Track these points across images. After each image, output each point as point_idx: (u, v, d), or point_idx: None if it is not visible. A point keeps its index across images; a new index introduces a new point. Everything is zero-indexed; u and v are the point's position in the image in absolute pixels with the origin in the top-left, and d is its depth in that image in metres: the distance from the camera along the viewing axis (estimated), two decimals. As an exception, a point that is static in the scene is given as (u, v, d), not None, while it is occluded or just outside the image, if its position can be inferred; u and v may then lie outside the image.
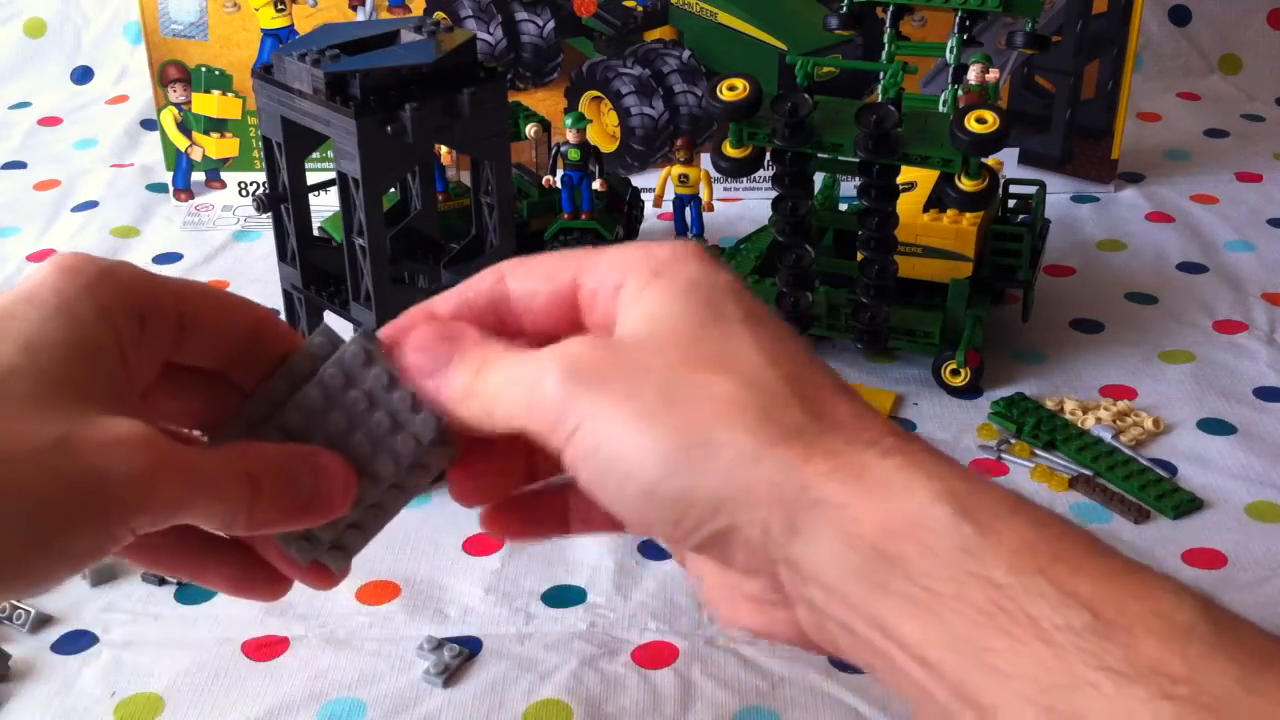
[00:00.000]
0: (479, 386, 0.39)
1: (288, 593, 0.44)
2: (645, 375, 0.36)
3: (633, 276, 0.39)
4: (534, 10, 1.15)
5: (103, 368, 0.37)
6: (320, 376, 0.41)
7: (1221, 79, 1.44)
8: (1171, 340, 0.98)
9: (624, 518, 0.37)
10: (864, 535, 0.34)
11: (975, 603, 0.32)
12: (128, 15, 1.42)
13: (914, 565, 0.33)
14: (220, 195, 1.18)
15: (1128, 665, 0.30)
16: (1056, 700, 0.30)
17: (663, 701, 0.67)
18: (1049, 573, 0.32)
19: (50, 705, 0.67)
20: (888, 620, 0.33)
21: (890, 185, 0.84)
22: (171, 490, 0.36)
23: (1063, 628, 0.31)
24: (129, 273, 0.39)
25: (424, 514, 0.80)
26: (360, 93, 0.72)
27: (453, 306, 0.41)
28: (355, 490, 0.41)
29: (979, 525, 0.33)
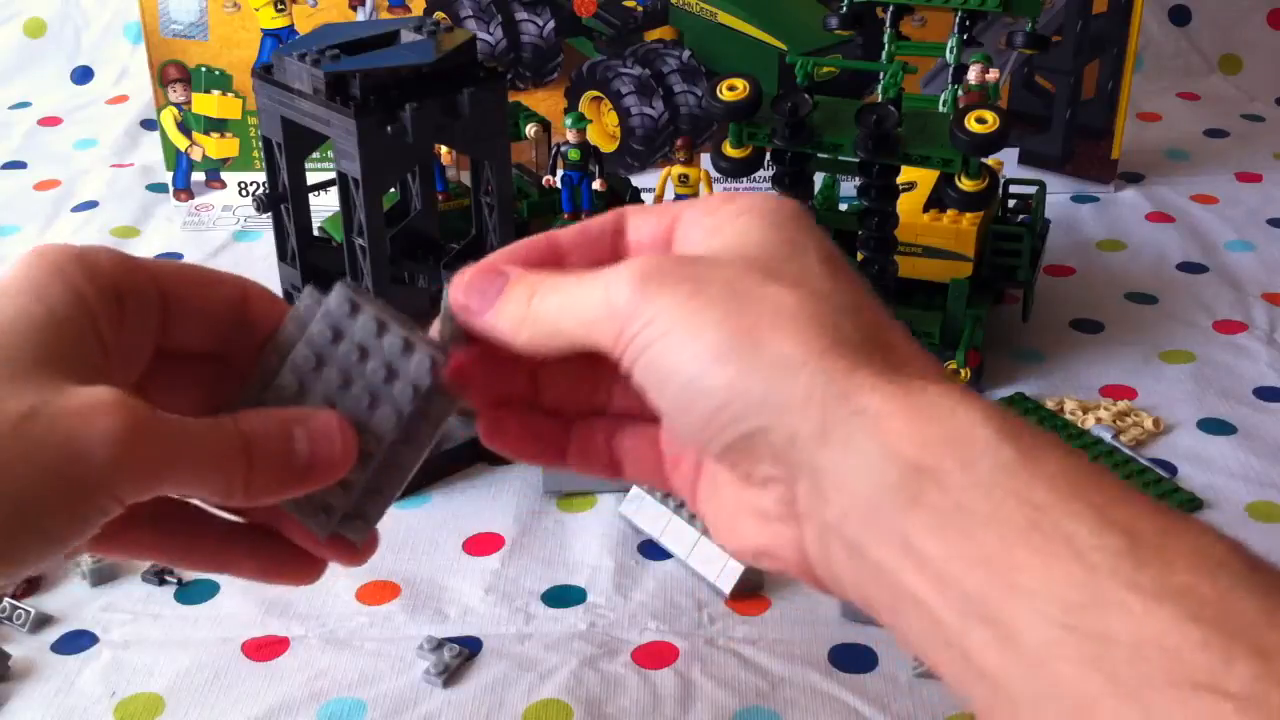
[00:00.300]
0: (537, 310, 0.39)
1: (323, 574, 0.43)
2: (714, 278, 0.37)
3: (726, 209, 0.40)
4: (534, 10, 1.15)
5: (76, 345, 0.37)
6: (308, 334, 0.40)
7: (1221, 79, 1.44)
8: (1171, 340, 0.98)
9: (665, 412, 0.37)
10: (900, 447, 0.33)
11: (1010, 520, 0.32)
12: (128, 15, 1.42)
13: (950, 479, 0.33)
14: (220, 195, 1.18)
15: (1158, 586, 0.30)
16: (1080, 619, 0.30)
17: (663, 701, 0.67)
18: (1089, 498, 0.32)
19: (50, 705, 0.67)
20: (911, 534, 0.33)
21: (890, 185, 0.84)
22: (152, 452, 0.36)
23: (1097, 548, 0.31)
24: (102, 254, 0.39)
25: (424, 514, 0.80)
26: (360, 93, 0.72)
27: (574, 231, 0.42)
28: (357, 446, 0.40)
29: (1022, 450, 0.33)
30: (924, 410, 0.34)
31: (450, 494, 0.82)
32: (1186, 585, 0.30)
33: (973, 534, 0.32)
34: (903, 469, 0.33)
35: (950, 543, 0.32)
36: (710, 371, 0.35)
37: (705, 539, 0.74)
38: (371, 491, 0.41)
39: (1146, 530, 0.31)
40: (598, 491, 0.81)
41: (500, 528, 0.79)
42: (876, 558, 0.34)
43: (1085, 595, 0.30)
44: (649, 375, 0.37)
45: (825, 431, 0.34)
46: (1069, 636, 0.30)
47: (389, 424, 0.40)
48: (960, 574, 0.32)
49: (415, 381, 0.40)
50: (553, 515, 0.80)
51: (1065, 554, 0.31)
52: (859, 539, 0.34)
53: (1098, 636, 0.30)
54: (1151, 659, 0.29)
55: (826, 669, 0.68)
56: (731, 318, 0.36)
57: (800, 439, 0.35)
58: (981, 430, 0.33)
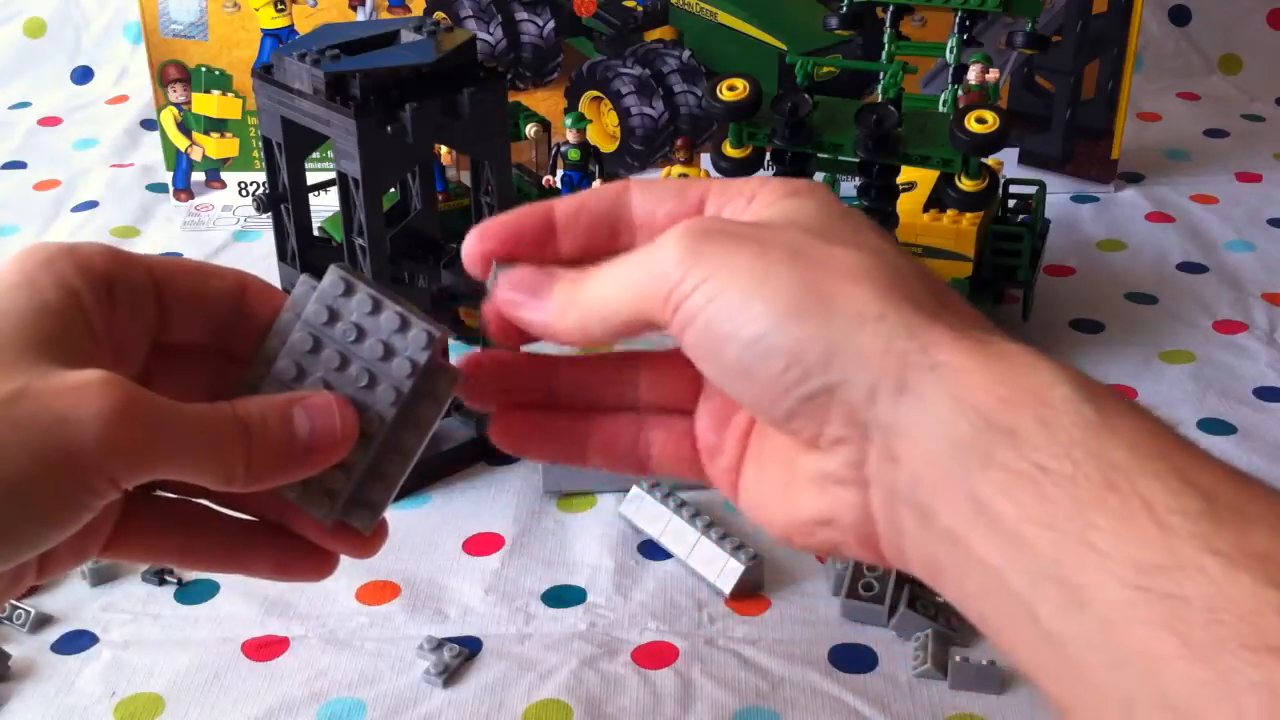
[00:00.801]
0: (583, 291, 0.38)
1: (335, 569, 0.43)
2: (773, 239, 0.36)
3: (767, 192, 0.39)
4: (534, 10, 1.15)
5: (66, 332, 0.37)
6: (304, 316, 0.40)
7: (1221, 79, 1.44)
8: (1171, 340, 0.98)
9: (723, 377, 0.36)
10: (979, 403, 0.33)
11: (1087, 480, 0.31)
12: (128, 15, 1.42)
13: (1028, 439, 0.32)
14: (220, 195, 1.18)
15: (1236, 550, 0.29)
16: (1155, 581, 0.29)
17: (663, 701, 0.67)
18: (1170, 459, 0.31)
19: (50, 705, 0.67)
20: (983, 495, 0.32)
21: (890, 185, 0.84)
22: (144, 431, 0.35)
23: (1176, 510, 0.30)
24: (91, 248, 0.39)
25: (424, 514, 0.80)
26: (360, 93, 0.72)
27: (571, 205, 0.41)
28: (357, 423, 0.40)
29: (1101, 410, 0.32)
30: (1002, 366, 0.34)
31: (450, 494, 0.82)
32: (1265, 550, 0.29)
33: (1047, 495, 0.31)
34: (978, 425, 0.33)
35: (1023, 504, 0.32)
36: (779, 329, 0.34)
37: (705, 539, 0.74)
38: (375, 476, 0.41)
39: (1225, 494, 0.31)
40: (598, 491, 0.81)
41: (500, 528, 0.79)
42: (947, 523, 0.34)
43: (1161, 557, 0.30)
44: (704, 339, 0.36)
45: (903, 385, 0.34)
46: (1142, 598, 0.29)
47: (388, 401, 0.40)
48: (1033, 536, 0.31)
49: (413, 356, 0.40)
50: (553, 515, 0.80)
51: (1141, 516, 0.30)
52: (929, 503, 0.34)
53: (1172, 598, 0.29)
54: (1227, 622, 0.28)
55: (826, 669, 0.68)
56: (799, 275, 0.35)
57: (878, 393, 0.34)
58: (1061, 389, 0.33)
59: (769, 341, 0.35)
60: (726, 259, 0.35)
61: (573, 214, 0.41)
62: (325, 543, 0.42)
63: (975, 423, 0.33)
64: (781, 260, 0.35)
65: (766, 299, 0.35)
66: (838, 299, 0.35)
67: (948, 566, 0.34)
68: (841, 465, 0.36)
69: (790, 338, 0.34)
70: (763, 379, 0.35)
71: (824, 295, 0.35)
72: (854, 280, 0.35)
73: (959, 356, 0.34)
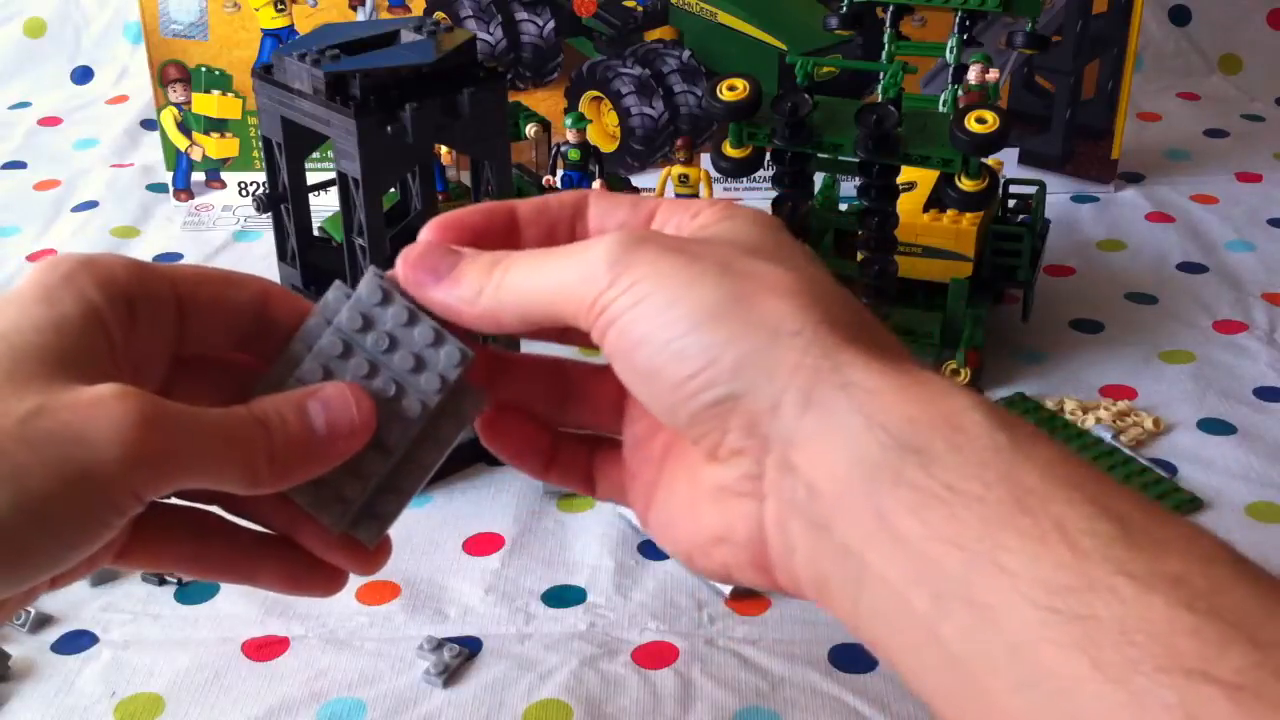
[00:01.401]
0: (502, 279, 0.38)
1: (344, 586, 0.43)
2: (704, 252, 0.36)
3: (712, 212, 0.40)
4: (534, 10, 1.15)
5: (85, 349, 0.37)
6: (337, 320, 0.40)
7: (1221, 79, 1.44)
8: (1171, 340, 0.98)
9: (634, 380, 0.37)
10: (889, 423, 0.33)
11: (998, 501, 0.31)
12: (128, 15, 1.42)
13: (938, 459, 0.32)
14: (220, 195, 1.18)
15: (1150, 574, 0.29)
16: (1066, 602, 0.29)
17: (663, 701, 0.67)
18: (1082, 486, 0.31)
19: (50, 705, 0.67)
20: (889, 511, 0.32)
21: (890, 185, 0.84)
22: (166, 442, 0.35)
23: (1088, 533, 0.30)
24: (112, 261, 0.39)
25: (424, 514, 0.80)
26: (360, 93, 0.72)
27: (533, 207, 0.41)
28: (374, 411, 0.39)
29: (1014, 437, 0.32)
30: (916, 390, 0.33)
31: (450, 494, 0.82)
32: (1179, 573, 0.29)
33: (957, 515, 0.31)
34: (887, 445, 0.33)
35: (931, 523, 0.31)
36: (694, 333, 0.35)
37: (705, 539, 0.74)
38: (388, 489, 0.41)
39: (1138, 519, 0.31)
40: (598, 491, 0.81)
41: (500, 528, 0.79)
42: (843, 536, 0.33)
43: (1073, 578, 0.29)
44: (622, 340, 0.36)
45: (809, 400, 0.34)
46: (1053, 618, 0.29)
47: (414, 415, 0.40)
48: (940, 555, 0.31)
49: (444, 373, 0.40)
50: (553, 515, 0.80)
51: (1054, 537, 0.30)
52: (827, 516, 0.34)
53: (1084, 619, 0.29)
54: (1140, 644, 0.28)
55: (826, 669, 0.68)
56: (725, 285, 0.35)
57: (782, 406, 0.34)
58: (973, 414, 0.33)
59: (682, 344, 0.35)
60: (655, 265, 0.36)
61: (534, 214, 0.41)
62: (328, 555, 0.42)
63: (884, 441, 0.33)
64: (709, 271, 0.36)
65: (688, 304, 0.35)
66: (757, 310, 0.35)
67: (840, 584, 0.34)
68: (739, 477, 0.36)
69: (704, 343, 0.35)
70: (671, 381, 0.35)
71: (744, 305, 0.35)
72: (777, 295, 0.35)
73: (872, 377, 0.34)
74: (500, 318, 0.38)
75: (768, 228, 0.39)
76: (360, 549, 0.42)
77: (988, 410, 0.33)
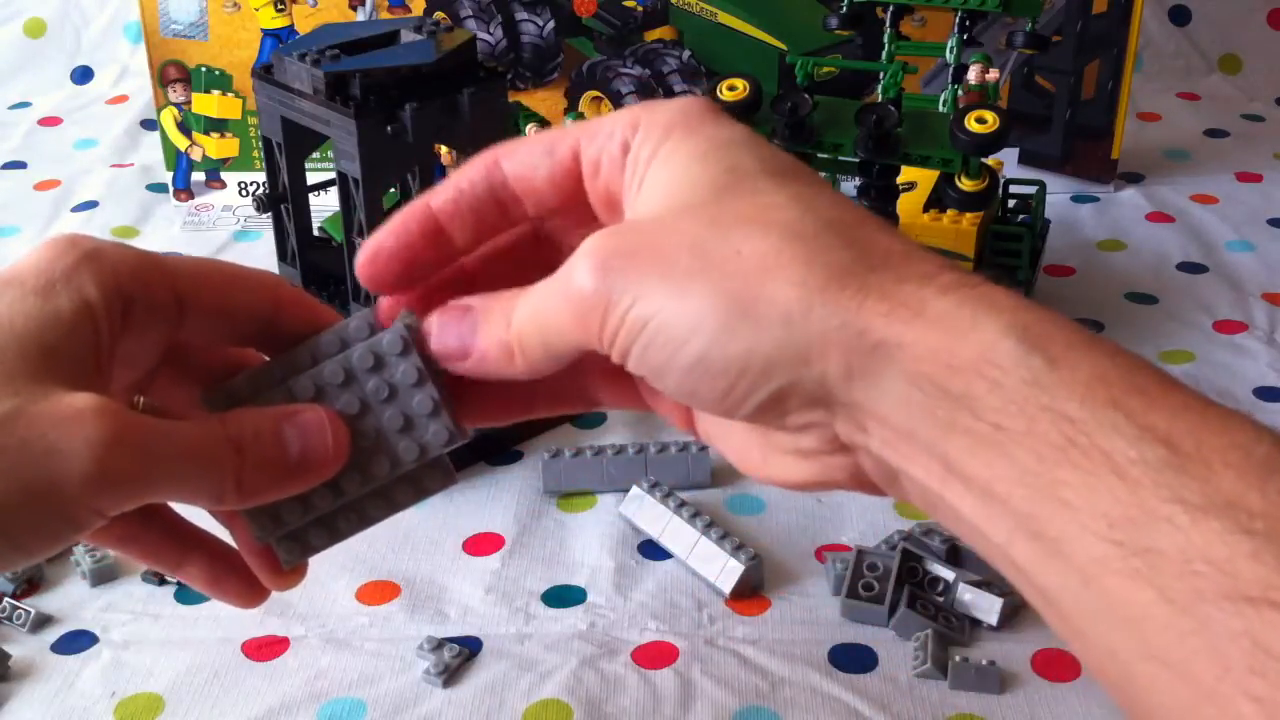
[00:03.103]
0: (518, 332, 0.37)
1: (263, 603, 0.43)
2: (676, 242, 0.35)
3: (640, 138, 0.37)
4: (534, 10, 1.15)
5: (72, 349, 0.36)
6: (350, 353, 0.39)
7: (1221, 79, 1.44)
8: (1171, 340, 0.98)
9: (677, 395, 0.36)
10: (928, 373, 0.33)
11: (1046, 437, 0.31)
12: (128, 15, 1.42)
13: (981, 401, 0.32)
14: (220, 195, 1.18)
15: (1204, 499, 0.29)
16: (1126, 534, 0.30)
17: (663, 701, 0.67)
18: (1124, 405, 0.31)
19: (50, 705, 0.67)
20: (952, 456, 0.33)
21: (890, 185, 0.84)
22: (134, 463, 0.35)
23: (1137, 461, 0.30)
24: (117, 255, 0.38)
25: (424, 514, 0.80)
26: (360, 93, 0.72)
27: (448, 197, 0.40)
28: (348, 445, 0.39)
29: (1049, 358, 0.32)
30: (940, 327, 0.33)
31: (450, 494, 0.82)
32: (1233, 496, 0.29)
33: (1011, 453, 0.31)
34: (932, 395, 0.33)
35: (991, 464, 0.32)
36: (713, 349, 0.34)
37: (705, 539, 0.74)
38: (324, 523, 0.40)
39: (1184, 437, 0.30)
40: (598, 491, 0.81)
41: (500, 528, 0.79)
42: (923, 481, 0.34)
43: (1130, 510, 0.30)
44: (647, 363, 0.35)
45: (850, 371, 0.34)
46: (1116, 551, 0.30)
47: (381, 471, 0.39)
48: (1005, 493, 0.32)
49: (427, 445, 0.39)
50: (553, 515, 0.80)
51: (1105, 469, 0.30)
52: (904, 462, 0.34)
53: (1146, 551, 0.29)
54: (1202, 572, 0.28)
55: (826, 669, 0.68)
56: (715, 287, 0.34)
57: (829, 381, 0.34)
58: (1004, 343, 0.32)
59: (707, 365, 0.34)
60: (639, 285, 0.35)
61: (452, 206, 0.40)
62: (247, 554, 0.42)
63: (929, 392, 0.33)
64: (692, 273, 0.34)
65: (692, 322, 0.34)
66: (759, 305, 0.34)
67: (938, 512, 0.35)
68: (818, 442, 0.36)
69: (726, 357, 0.34)
70: (713, 395, 0.35)
71: (746, 304, 0.34)
72: (769, 276, 0.34)
73: (896, 329, 0.33)
74: (538, 369, 0.38)
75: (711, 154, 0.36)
76: (274, 562, 0.41)
77: (1018, 331, 0.33)
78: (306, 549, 0.41)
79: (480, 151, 0.82)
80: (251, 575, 0.42)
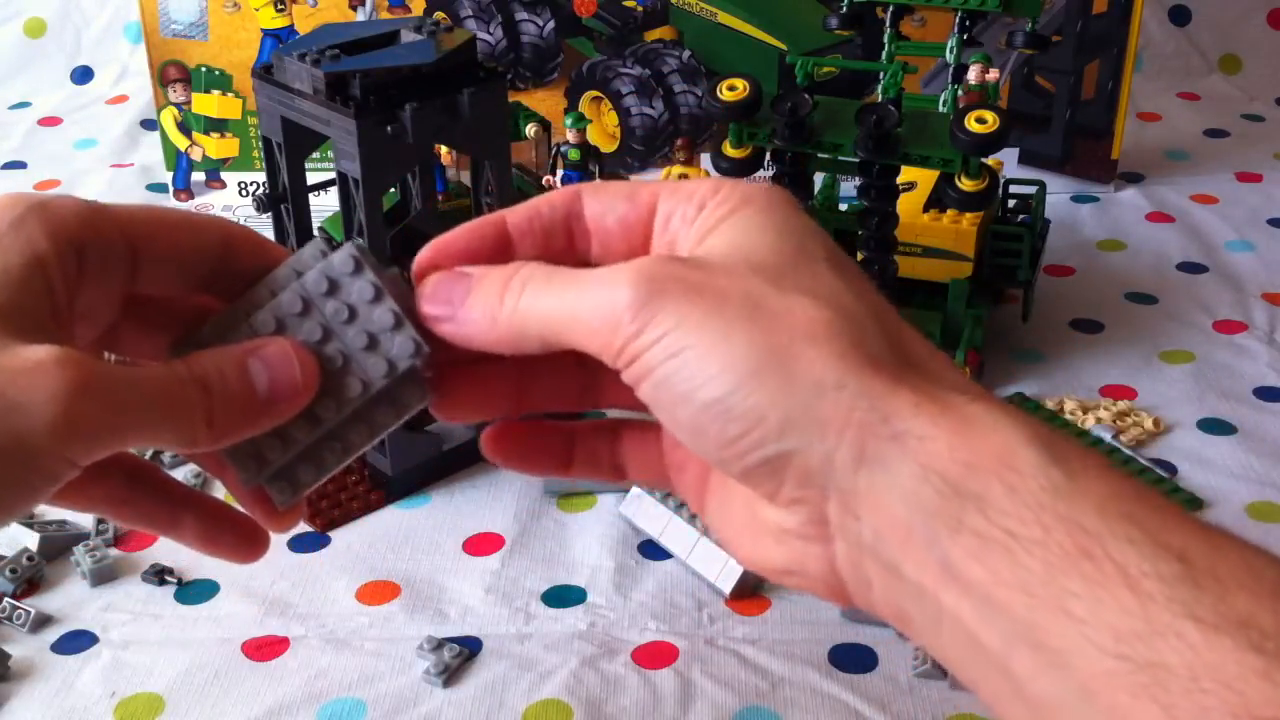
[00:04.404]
0: (524, 306, 0.37)
1: (261, 556, 0.43)
2: (733, 287, 0.35)
3: (719, 200, 0.38)
4: (534, 10, 1.15)
5: (28, 304, 0.36)
6: (304, 280, 0.39)
7: (1221, 79, 1.44)
8: (1171, 340, 0.98)
9: (679, 432, 0.36)
10: (943, 470, 0.32)
11: (1059, 546, 0.31)
12: (128, 15, 1.42)
13: (995, 504, 0.32)
14: (220, 195, 1.18)
15: (1217, 616, 0.29)
16: (1133, 648, 0.29)
17: (663, 701, 0.67)
18: (1140, 521, 0.31)
19: (50, 705, 0.67)
20: (954, 556, 0.32)
21: (890, 185, 0.84)
22: (101, 411, 0.34)
23: (1151, 575, 0.30)
24: (64, 205, 0.37)
25: (424, 514, 0.80)
26: (360, 93, 0.72)
27: (524, 216, 0.40)
28: (317, 372, 0.38)
29: (1069, 471, 0.32)
30: (965, 430, 0.33)
31: (450, 494, 0.82)
32: (1247, 613, 0.29)
33: (1019, 560, 0.31)
34: (943, 492, 0.32)
35: (996, 569, 0.31)
36: (738, 393, 0.34)
37: (705, 539, 0.74)
38: (310, 458, 0.40)
39: (1199, 556, 0.30)
40: (598, 491, 0.81)
41: (500, 528, 0.79)
42: (915, 578, 0.33)
43: (1139, 624, 0.29)
44: (660, 394, 0.35)
45: (862, 456, 0.33)
46: (1123, 666, 0.29)
47: (353, 393, 0.39)
48: (1006, 599, 0.31)
49: (394, 359, 0.39)
50: (553, 515, 0.80)
51: (1117, 581, 0.30)
52: (895, 559, 0.34)
53: (1154, 666, 0.29)
54: (1211, 690, 0.28)
55: (826, 669, 0.68)
56: (760, 335, 0.34)
57: (835, 460, 0.34)
58: (1026, 451, 0.32)
59: (726, 405, 0.34)
60: (684, 313, 0.35)
61: (526, 224, 0.40)
62: (242, 501, 0.42)
63: (941, 489, 0.32)
64: (740, 317, 0.34)
65: (725, 361, 0.34)
66: (797, 364, 0.34)
67: (919, 619, 0.34)
68: (802, 522, 0.35)
69: (747, 404, 0.34)
70: (717, 440, 0.35)
71: (783, 359, 0.34)
72: (814, 341, 0.34)
73: (921, 423, 0.33)
74: (521, 343, 0.38)
75: (783, 225, 0.37)
76: (270, 503, 0.41)
77: (1039, 443, 0.33)
78: (298, 485, 0.40)
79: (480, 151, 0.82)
80: (246, 529, 0.42)
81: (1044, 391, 0.91)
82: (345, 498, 0.80)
